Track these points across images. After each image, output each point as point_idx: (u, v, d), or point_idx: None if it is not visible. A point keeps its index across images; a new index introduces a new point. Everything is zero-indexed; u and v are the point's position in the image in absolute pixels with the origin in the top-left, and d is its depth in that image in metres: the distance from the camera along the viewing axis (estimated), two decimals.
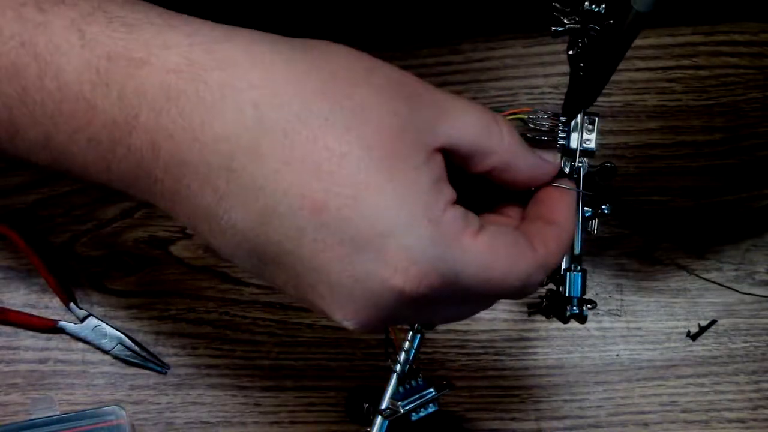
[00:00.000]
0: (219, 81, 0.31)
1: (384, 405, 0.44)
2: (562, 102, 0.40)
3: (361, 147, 0.31)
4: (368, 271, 0.32)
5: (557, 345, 0.57)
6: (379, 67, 0.34)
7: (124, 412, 0.54)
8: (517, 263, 0.34)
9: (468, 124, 0.34)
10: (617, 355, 0.57)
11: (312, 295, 0.33)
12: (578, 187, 0.40)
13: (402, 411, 0.44)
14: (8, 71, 0.32)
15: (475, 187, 0.37)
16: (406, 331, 0.45)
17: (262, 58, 0.32)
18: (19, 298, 0.57)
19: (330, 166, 0.31)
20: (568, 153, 0.40)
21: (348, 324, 0.33)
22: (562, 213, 0.38)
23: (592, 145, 0.40)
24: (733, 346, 0.57)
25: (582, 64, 0.38)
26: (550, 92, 0.58)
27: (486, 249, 0.33)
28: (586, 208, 0.41)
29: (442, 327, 0.56)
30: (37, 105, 0.33)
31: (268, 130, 0.31)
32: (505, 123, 0.36)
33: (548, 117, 0.41)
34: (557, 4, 0.37)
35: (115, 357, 0.56)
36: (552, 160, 0.39)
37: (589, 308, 0.42)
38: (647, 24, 0.33)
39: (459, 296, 0.34)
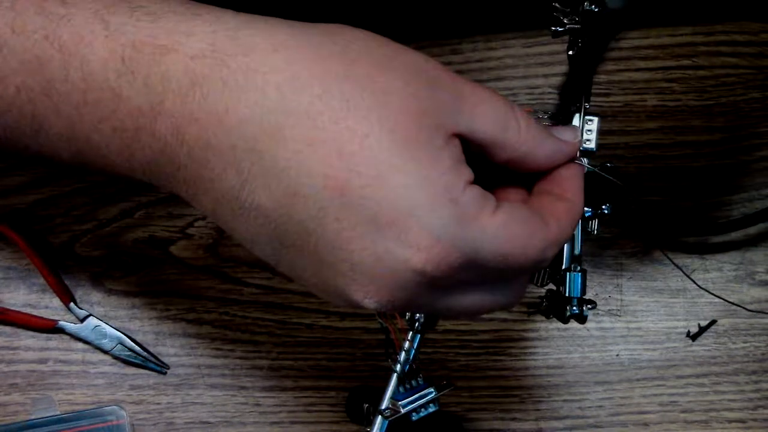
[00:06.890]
0: (242, 66, 0.32)
1: (384, 405, 0.44)
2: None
3: (383, 128, 0.32)
4: (390, 250, 0.32)
5: (557, 345, 0.57)
6: (400, 51, 0.34)
7: (124, 412, 0.54)
8: (533, 239, 0.35)
9: (486, 117, 0.35)
10: (617, 355, 0.57)
11: (332, 275, 0.33)
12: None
13: (402, 411, 0.44)
14: (32, 65, 0.33)
15: (487, 165, 0.38)
16: (406, 331, 0.45)
17: (283, 42, 0.33)
18: (19, 298, 0.56)
19: (352, 147, 0.32)
20: None
21: (368, 302, 0.34)
22: (572, 189, 0.38)
23: (592, 145, 0.40)
24: (733, 346, 0.57)
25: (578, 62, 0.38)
26: (550, 92, 0.58)
27: (503, 227, 0.34)
28: (586, 208, 0.41)
29: (442, 327, 0.56)
30: (62, 97, 0.33)
31: (290, 113, 0.32)
32: (523, 114, 0.36)
33: (548, 117, 0.41)
34: (557, 4, 0.37)
35: (115, 357, 0.56)
36: (572, 138, 0.39)
37: (589, 308, 0.42)
38: (622, 23, 0.33)
39: (478, 277, 0.35)
